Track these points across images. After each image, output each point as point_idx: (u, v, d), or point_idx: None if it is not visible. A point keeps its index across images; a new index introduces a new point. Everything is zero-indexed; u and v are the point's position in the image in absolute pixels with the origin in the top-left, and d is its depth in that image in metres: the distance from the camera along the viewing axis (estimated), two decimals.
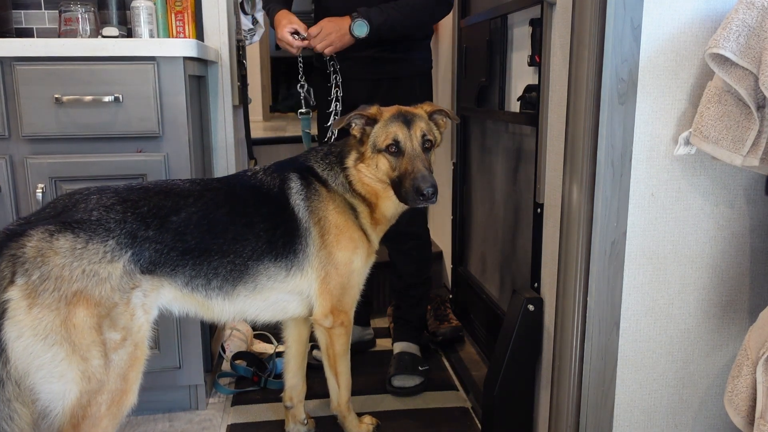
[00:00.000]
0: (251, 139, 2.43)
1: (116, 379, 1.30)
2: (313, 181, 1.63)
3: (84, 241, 1.29)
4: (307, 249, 1.57)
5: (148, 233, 1.37)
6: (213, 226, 1.46)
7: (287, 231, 1.55)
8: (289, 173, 1.62)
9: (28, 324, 1.22)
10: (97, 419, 1.28)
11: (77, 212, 1.33)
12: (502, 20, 2.18)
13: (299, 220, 1.57)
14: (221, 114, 2.30)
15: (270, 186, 1.59)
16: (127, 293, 1.32)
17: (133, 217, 1.37)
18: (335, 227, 1.60)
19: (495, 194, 2.40)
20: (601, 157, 1.35)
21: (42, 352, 1.23)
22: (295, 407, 1.86)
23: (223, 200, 1.51)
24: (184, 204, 1.44)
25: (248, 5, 2.46)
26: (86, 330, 1.25)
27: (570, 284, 1.47)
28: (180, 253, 1.41)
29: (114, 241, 1.32)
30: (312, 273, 1.58)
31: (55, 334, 1.23)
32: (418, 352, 2.26)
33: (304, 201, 1.59)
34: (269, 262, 1.53)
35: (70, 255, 1.26)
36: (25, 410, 1.31)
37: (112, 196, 1.39)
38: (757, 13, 1.16)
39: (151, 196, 1.42)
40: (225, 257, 1.47)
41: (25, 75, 1.73)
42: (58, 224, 1.29)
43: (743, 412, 1.20)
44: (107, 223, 1.33)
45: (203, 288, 1.46)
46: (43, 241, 1.25)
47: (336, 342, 1.67)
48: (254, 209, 1.53)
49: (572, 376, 1.48)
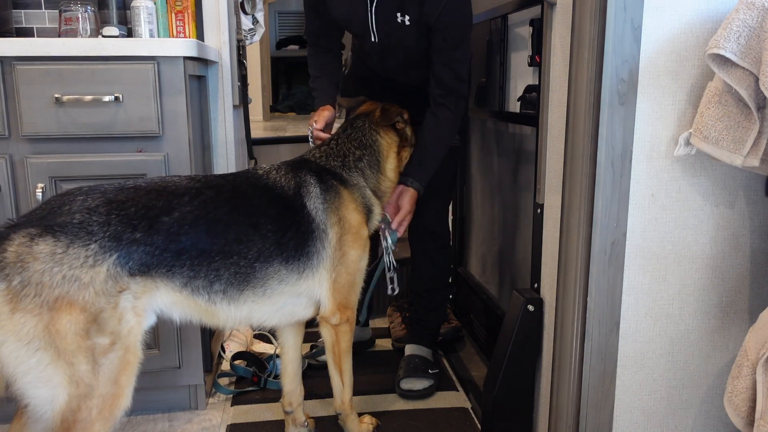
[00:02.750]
0: (251, 139, 2.43)
1: (106, 383, 1.28)
2: (333, 182, 1.63)
3: (65, 245, 1.25)
4: (323, 251, 1.56)
5: (135, 235, 1.32)
6: (212, 225, 1.42)
7: (299, 233, 1.53)
8: (305, 175, 1.61)
9: (11, 329, 1.20)
10: (88, 423, 1.27)
11: (61, 215, 1.29)
12: (502, 20, 2.18)
13: (315, 223, 1.55)
14: (221, 114, 2.30)
15: (283, 187, 1.57)
16: (113, 297, 1.29)
17: (117, 219, 1.32)
18: (354, 227, 1.61)
19: (495, 194, 2.40)
20: (601, 157, 1.35)
21: (27, 357, 1.21)
22: (294, 411, 1.85)
23: (225, 199, 1.47)
24: (178, 203, 1.39)
25: (248, 5, 2.46)
26: (71, 335, 1.23)
27: (570, 284, 1.47)
28: (174, 254, 1.36)
29: (96, 244, 1.28)
30: (325, 274, 1.58)
31: (38, 340, 1.21)
32: (429, 356, 2.25)
33: (323, 203, 1.58)
34: (279, 265, 1.49)
35: (50, 260, 1.23)
36: None
37: (98, 197, 1.34)
38: (757, 13, 1.16)
39: (141, 196, 1.37)
40: (227, 258, 1.43)
41: (25, 75, 1.73)
42: (40, 228, 1.26)
43: (743, 412, 1.20)
44: (90, 225, 1.29)
45: (205, 291, 1.42)
46: (22, 245, 1.23)
47: (342, 339, 1.67)
48: (261, 210, 1.50)
49: (572, 376, 1.48)
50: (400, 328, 2.50)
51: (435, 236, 2.22)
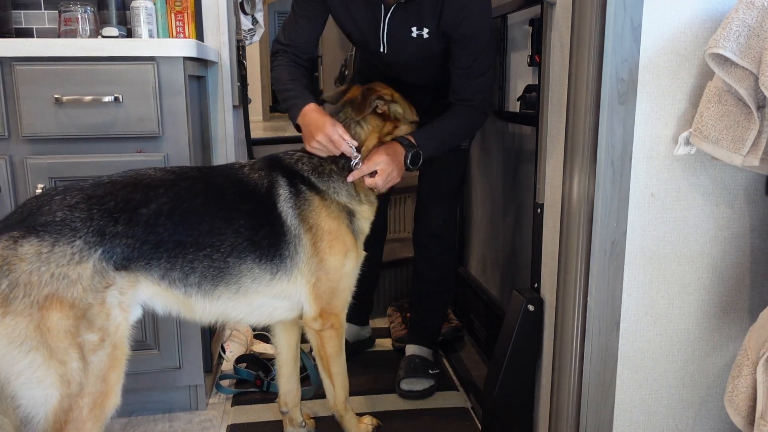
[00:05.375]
0: (251, 139, 2.43)
1: (96, 381, 1.28)
2: (303, 188, 1.57)
3: (50, 244, 1.25)
4: (297, 256, 1.53)
5: (117, 228, 1.32)
6: (186, 216, 1.40)
7: (273, 233, 1.50)
8: (277, 176, 1.57)
9: (3, 332, 1.20)
10: (80, 422, 1.27)
11: (41, 215, 1.29)
12: (502, 20, 2.18)
13: (287, 226, 1.52)
14: (221, 114, 2.30)
15: (257, 184, 1.54)
16: (100, 293, 1.29)
17: (99, 214, 1.32)
18: (328, 233, 1.56)
19: (495, 194, 2.40)
20: (601, 157, 1.35)
21: (19, 358, 1.22)
22: (291, 411, 1.85)
23: (199, 190, 1.46)
24: (155, 195, 1.39)
25: (248, 5, 2.46)
26: (62, 333, 1.24)
27: (570, 284, 1.47)
28: (153, 246, 1.36)
29: (81, 240, 1.28)
30: (301, 279, 1.54)
31: (30, 340, 1.21)
32: (429, 356, 2.24)
33: (293, 209, 1.53)
34: (252, 262, 1.48)
35: (37, 260, 1.23)
36: (6, 420, 1.32)
37: (76, 194, 1.34)
38: (757, 12, 1.16)
39: (119, 190, 1.37)
40: (201, 250, 1.41)
41: (25, 75, 1.73)
42: (23, 230, 1.26)
43: (743, 412, 1.20)
44: (72, 222, 1.29)
45: (181, 284, 1.41)
46: (7, 249, 1.23)
47: (327, 344, 1.64)
48: (234, 204, 1.48)
49: (572, 376, 1.48)
50: (401, 328, 2.50)
51: (439, 240, 2.19)
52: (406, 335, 2.40)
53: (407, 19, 1.75)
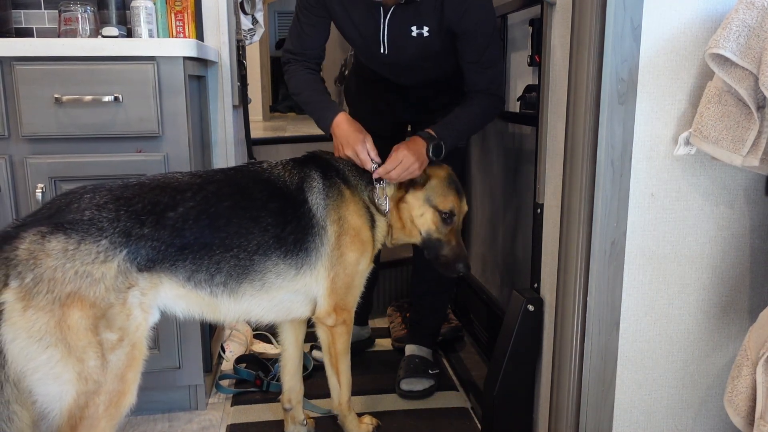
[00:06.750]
0: (251, 139, 2.43)
1: (114, 379, 1.29)
2: (337, 181, 1.63)
3: (76, 242, 1.27)
4: (321, 248, 1.56)
5: (143, 231, 1.34)
6: (214, 220, 1.43)
7: (299, 227, 1.53)
8: (311, 170, 1.62)
9: (23, 326, 1.21)
10: (95, 420, 1.27)
11: (70, 212, 1.31)
12: (502, 20, 2.18)
13: (315, 218, 1.56)
14: (221, 114, 2.30)
15: (286, 181, 1.58)
16: (123, 293, 1.30)
17: (126, 215, 1.34)
18: (353, 228, 1.61)
19: (495, 194, 2.40)
20: (600, 157, 1.35)
21: (37, 354, 1.22)
22: (294, 408, 1.86)
23: (226, 193, 1.48)
24: (182, 199, 1.41)
25: (248, 5, 2.46)
26: (81, 331, 1.24)
27: (570, 284, 1.47)
28: (178, 248, 1.38)
29: (107, 240, 1.30)
30: (323, 272, 1.58)
31: (50, 336, 1.22)
32: (429, 356, 2.25)
33: (324, 199, 1.58)
34: (278, 258, 1.51)
35: (62, 256, 1.25)
36: (25, 412, 1.30)
37: (105, 195, 1.36)
38: (757, 13, 1.16)
39: (146, 193, 1.40)
40: (228, 251, 1.44)
41: (24, 75, 1.73)
42: (51, 226, 1.27)
43: (743, 412, 1.20)
44: (100, 222, 1.31)
45: (207, 284, 1.43)
46: (34, 243, 1.24)
47: (338, 340, 1.67)
48: (261, 203, 1.51)
49: (572, 376, 1.48)
50: (400, 328, 2.50)
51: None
52: (405, 335, 2.40)
53: (406, 19, 1.76)
